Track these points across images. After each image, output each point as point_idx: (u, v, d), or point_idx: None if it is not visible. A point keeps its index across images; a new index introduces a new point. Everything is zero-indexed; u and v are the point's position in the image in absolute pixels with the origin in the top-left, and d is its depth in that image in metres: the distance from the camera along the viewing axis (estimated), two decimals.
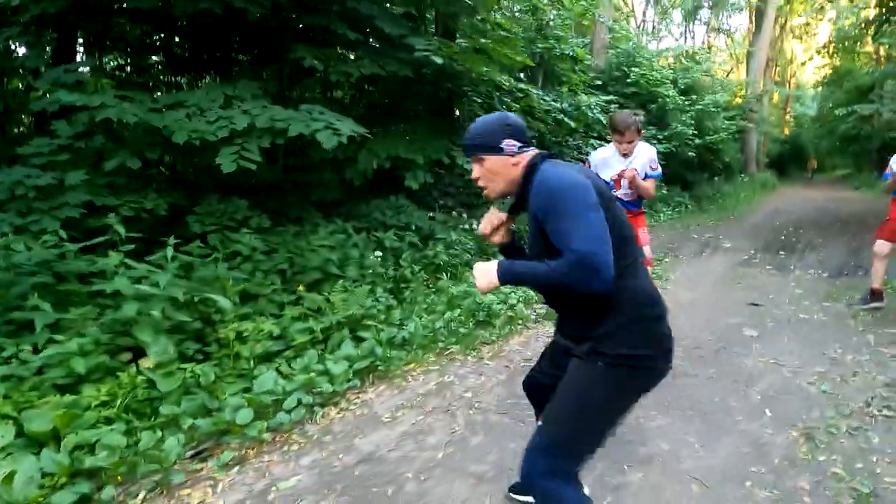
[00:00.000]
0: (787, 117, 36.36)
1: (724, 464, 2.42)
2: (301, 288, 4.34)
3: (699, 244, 8.41)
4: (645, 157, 3.74)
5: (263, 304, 3.96)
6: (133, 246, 3.42)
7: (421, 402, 3.14)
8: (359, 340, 3.82)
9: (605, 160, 3.76)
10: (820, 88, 30.60)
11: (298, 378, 3.16)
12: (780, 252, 7.49)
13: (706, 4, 31.46)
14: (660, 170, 3.85)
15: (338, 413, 3.05)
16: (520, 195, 1.67)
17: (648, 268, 4.03)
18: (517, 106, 7.46)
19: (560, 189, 1.51)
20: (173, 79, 6.95)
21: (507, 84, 7.03)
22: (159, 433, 2.61)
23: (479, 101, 7.12)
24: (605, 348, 1.56)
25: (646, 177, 3.72)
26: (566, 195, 1.49)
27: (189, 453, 2.60)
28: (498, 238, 1.81)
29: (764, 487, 2.24)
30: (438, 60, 5.21)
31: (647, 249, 3.88)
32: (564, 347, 1.73)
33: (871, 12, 14.49)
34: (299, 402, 2.96)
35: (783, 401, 2.99)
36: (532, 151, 1.69)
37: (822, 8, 29.17)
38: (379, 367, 3.50)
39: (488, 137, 1.67)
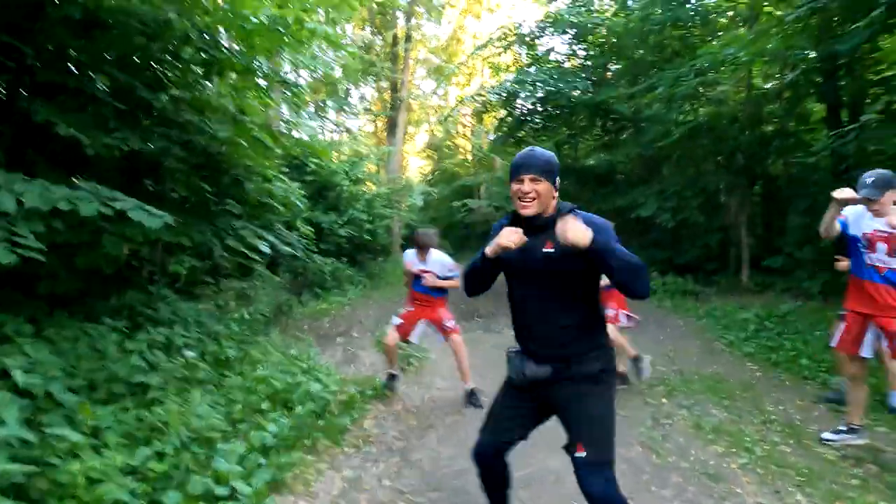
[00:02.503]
0: (404, 206, 43.45)
1: (624, 480, 3.17)
2: (86, 412, 3.45)
3: None
4: (439, 262, 4.78)
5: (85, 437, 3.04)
6: None
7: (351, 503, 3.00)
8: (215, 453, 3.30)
9: (414, 261, 4.81)
10: (425, 184, 37.70)
11: None
12: (477, 318, 9.21)
13: (330, 106, 35.75)
14: (457, 271, 4.81)
15: None
16: (546, 221, 2.06)
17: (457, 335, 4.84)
18: (268, 186, 7.34)
19: (612, 232, 2.03)
20: None
21: (268, 165, 6.98)
22: None
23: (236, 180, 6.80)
24: (608, 365, 2.15)
25: (446, 277, 4.77)
26: (615, 239, 2.01)
27: None
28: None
29: (662, 487, 3.08)
30: (245, 144, 4.98)
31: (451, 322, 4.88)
32: (545, 382, 2.13)
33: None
34: None
35: None
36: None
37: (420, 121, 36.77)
38: (276, 478, 3.14)
39: (554, 168, 2.08)
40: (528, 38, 14.45)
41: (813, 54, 8.47)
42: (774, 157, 11.07)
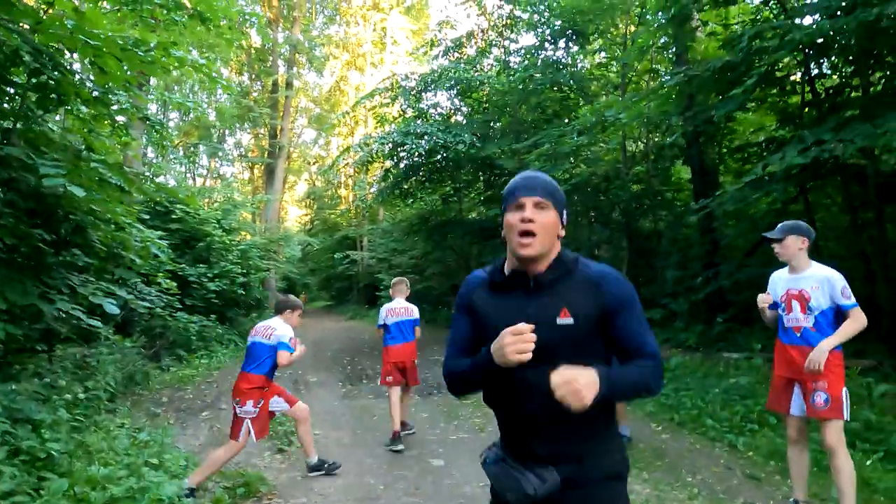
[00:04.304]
0: (281, 256, 41.44)
1: None
2: None
3: (288, 381, 8.59)
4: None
5: None
6: None
7: None
8: None
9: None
10: (305, 233, 36.39)
11: None
12: (364, 380, 8.48)
13: (203, 150, 33.65)
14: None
15: None
16: (555, 276, 1.56)
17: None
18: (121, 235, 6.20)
19: (635, 292, 1.58)
20: None
21: (120, 211, 5.91)
22: None
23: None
24: (626, 460, 1.63)
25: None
26: (638, 300, 1.57)
27: None
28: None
29: None
30: (80, 193, 4.08)
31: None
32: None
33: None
34: None
35: None
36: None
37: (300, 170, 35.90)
38: None
39: (561, 198, 1.61)
40: (412, 93, 14.48)
41: (676, 120, 9.19)
42: (647, 214, 11.74)
